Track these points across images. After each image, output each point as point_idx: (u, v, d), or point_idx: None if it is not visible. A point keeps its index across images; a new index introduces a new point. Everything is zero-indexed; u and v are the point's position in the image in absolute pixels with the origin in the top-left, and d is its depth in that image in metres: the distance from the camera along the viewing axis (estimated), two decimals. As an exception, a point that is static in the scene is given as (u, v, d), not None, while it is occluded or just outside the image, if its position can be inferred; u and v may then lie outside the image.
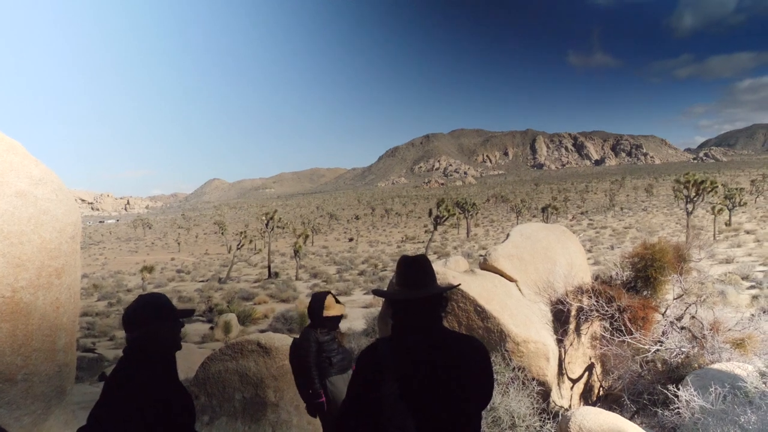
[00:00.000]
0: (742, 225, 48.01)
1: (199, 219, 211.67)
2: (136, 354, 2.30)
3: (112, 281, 44.74)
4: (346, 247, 75.82)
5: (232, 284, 38.69)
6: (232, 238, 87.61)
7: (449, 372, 2.05)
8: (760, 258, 26.19)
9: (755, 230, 42.24)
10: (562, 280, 7.08)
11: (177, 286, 39.92)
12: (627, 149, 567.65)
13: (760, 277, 20.28)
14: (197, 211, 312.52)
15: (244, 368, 5.01)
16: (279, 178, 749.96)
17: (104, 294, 35.60)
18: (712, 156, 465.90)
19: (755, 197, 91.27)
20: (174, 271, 54.29)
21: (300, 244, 44.61)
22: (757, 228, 44.13)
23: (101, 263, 71.42)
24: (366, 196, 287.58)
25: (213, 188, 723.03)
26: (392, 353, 2.09)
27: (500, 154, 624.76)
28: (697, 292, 7.34)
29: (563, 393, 6.69)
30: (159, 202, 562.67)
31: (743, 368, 5.18)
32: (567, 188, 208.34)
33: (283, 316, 21.57)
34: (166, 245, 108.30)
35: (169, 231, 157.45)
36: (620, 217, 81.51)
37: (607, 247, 41.30)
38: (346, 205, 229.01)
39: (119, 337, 20.79)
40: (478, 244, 56.94)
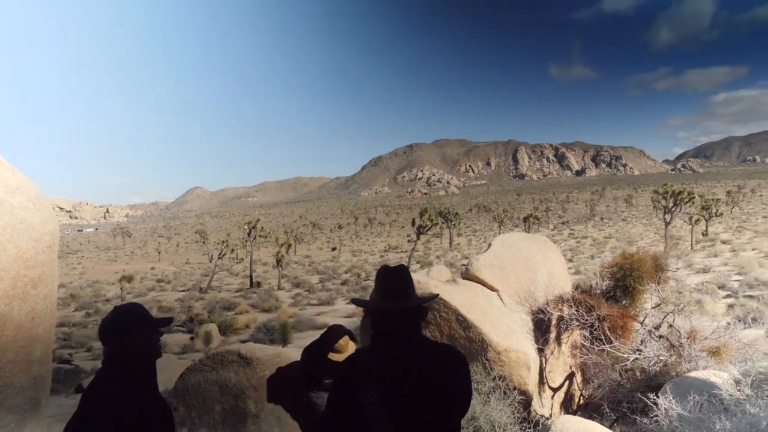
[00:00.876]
0: (719, 235, 48.87)
1: (181, 228, 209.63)
2: (114, 365, 2.26)
3: (90, 291, 44.09)
4: (329, 256, 75.62)
5: (213, 294, 38.37)
6: (213, 247, 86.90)
7: (429, 381, 2.06)
8: (735, 267, 26.65)
9: (731, 240, 43.01)
10: (543, 290, 7.14)
11: (157, 296, 39.46)
12: (607, 160, 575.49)
13: (736, 287, 20.63)
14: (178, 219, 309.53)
15: (224, 379, 4.96)
16: (262, 187, 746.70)
17: (82, 304, 35.04)
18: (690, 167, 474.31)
19: (731, 208, 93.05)
20: (154, 280, 53.69)
21: (282, 253, 44.40)
22: (733, 238, 44.94)
23: (79, 273, 70.38)
24: (349, 206, 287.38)
25: (195, 197, 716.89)
26: (372, 363, 2.10)
27: (483, 164, 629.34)
28: (674, 301, 7.45)
29: (544, 402, 6.73)
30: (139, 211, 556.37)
31: (719, 376, 5.27)
32: (548, 198, 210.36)
33: (265, 326, 21.43)
34: (147, 254, 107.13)
35: (150, 240, 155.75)
36: (600, 227, 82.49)
37: (587, 256, 41.76)
38: (329, 215, 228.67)
39: (97, 348, 20.47)
40: (461, 254, 57.18)
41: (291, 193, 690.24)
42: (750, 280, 21.35)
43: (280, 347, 12.30)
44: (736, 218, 71.11)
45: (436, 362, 2.12)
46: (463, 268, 7.42)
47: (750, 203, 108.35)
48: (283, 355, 5.24)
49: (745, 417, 3.67)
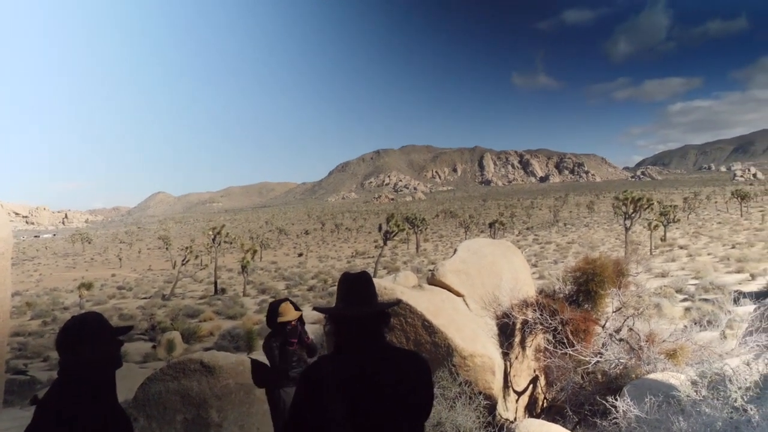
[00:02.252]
0: (676, 240, 50.31)
1: (143, 234, 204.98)
2: (71, 376, 2.19)
3: (47, 299, 42.73)
4: (295, 262, 75.06)
5: (176, 301, 37.66)
6: (177, 253, 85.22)
7: (392, 388, 2.06)
8: (692, 272, 27.48)
9: (688, 245, 44.34)
10: (508, 294, 7.24)
11: (118, 304, 38.50)
12: (570, 167, 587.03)
13: (692, 290, 21.26)
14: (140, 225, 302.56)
15: (186, 388, 4.86)
16: (227, 192, 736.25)
17: (38, 312, 33.90)
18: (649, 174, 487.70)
19: (687, 214, 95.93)
20: (115, 287, 52.38)
21: (248, 259, 43.86)
22: (690, 243, 46.35)
23: (35, 280, 68.19)
24: (316, 211, 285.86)
25: (157, 202, 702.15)
26: (334, 370, 2.08)
27: (449, 170, 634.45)
28: (634, 305, 7.64)
29: (509, 405, 6.80)
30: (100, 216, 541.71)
31: (677, 377, 5.41)
32: (513, 204, 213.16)
33: (230, 334, 21.11)
34: (107, 261, 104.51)
35: (111, 246, 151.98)
36: (564, 232, 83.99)
37: (551, 261, 42.46)
38: (295, 220, 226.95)
39: (54, 358, 19.83)
40: (428, 259, 57.44)
41: (257, 199, 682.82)
42: (705, 284, 22.02)
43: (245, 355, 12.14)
44: (692, 224, 73.36)
45: (399, 369, 2.12)
46: (430, 274, 7.47)
47: (705, 210, 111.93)
48: (247, 362, 5.19)
49: (701, 417, 3.79)
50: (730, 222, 68.56)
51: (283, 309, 4.99)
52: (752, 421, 3.52)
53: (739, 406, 3.80)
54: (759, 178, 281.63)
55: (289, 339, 4.95)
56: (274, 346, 4.93)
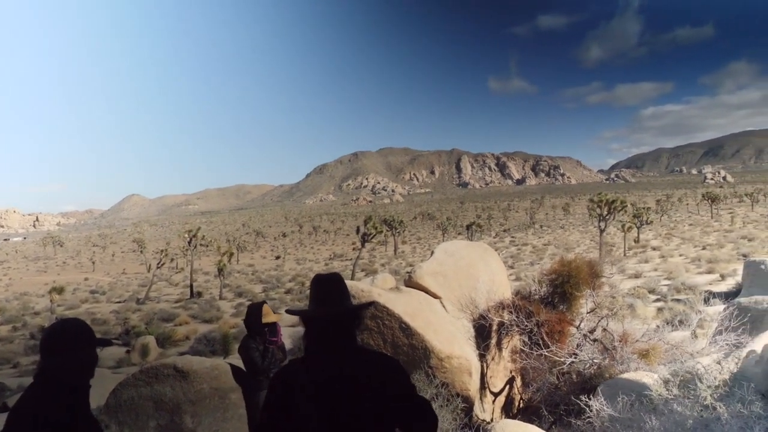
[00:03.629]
0: (649, 242, 51.18)
1: (117, 237, 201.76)
2: (45, 382, 2.16)
3: (16, 304, 41.77)
4: (272, 265, 74.58)
5: (151, 305, 37.08)
6: (152, 256, 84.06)
7: (363, 391, 2.05)
8: (664, 273, 27.96)
9: (660, 247, 45.14)
10: (484, 296, 7.29)
11: (91, 308, 37.78)
12: (546, 170, 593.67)
13: (665, 291, 21.64)
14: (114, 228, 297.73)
15: (159, 394, 4.78)
16: (203, 195, 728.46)
17: (8, 318, 33.05)
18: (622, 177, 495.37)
19: (660, 216, 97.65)
20: (87, 292, 51.38)
21: (224, 262, 43.43)
22: (662, 245, 47.18)
23: (5, 284, 66.64)
24: (294, 213, 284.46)
25: (132, 204, 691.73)
26: (306, 373, 2.07)
27: (427, 172, 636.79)
28: (608, 306, 7.76)
29: (485, 407, 6.84)
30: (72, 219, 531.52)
31: (649, 377, 5.50)
32: (490, 206, 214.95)
33: (206, 338, 20.84)
34: (80, 265, 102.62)
35: (83, 249, 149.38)
36: (540, 234, 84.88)
37: (527, 263, 42.86)
38: (273, 222, 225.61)
39: (24, 364, 19.39)
40: (405, 261, 57.56)
41: (234, 201, 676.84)
42: (677, 284, 22.43)
43: (221, 359, 11.99)
44: (665, 226, 74.70)
45: (371, 369, 2.10)
46: (407, 276, 7.48)
47: (677, 212, 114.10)
48: (222, 367, 5.13)
49: (672, 416, 3.86)
50: (701, 224, 70.02)
51: (265, 310, 5.11)
52: (721, 419, 3.60)
53: (709, 404, 3.88)
54: (728, 180, 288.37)
55: (271, 339, 5.03)
56: (253, 346, 4.95)
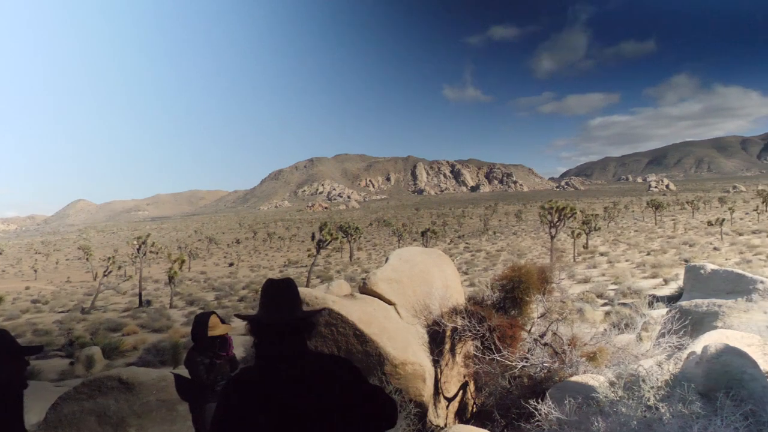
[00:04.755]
0: (597, 248, 52.77)
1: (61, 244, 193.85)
2: None
3: (-50, 315, 39.54)
4: (225, 272, 73.23)
5: (97, 314, 35.75)
6: (98, 264, 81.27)
7: (317, 397, 2.02)
8: (611, 278, 28.88)
9: (608, 252, 46.63)
10: (438, 302, 7.35)
11: (32, 318, 36.10)
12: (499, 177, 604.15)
13: (612, 295, 22.36)
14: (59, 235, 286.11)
15: (102, 407, 4.58)
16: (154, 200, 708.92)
17: (-60, 330, 31.24)
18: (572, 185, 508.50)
19: (608, 222, 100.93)
20: (29, 301, 49.10)
21: (175, 269, 42.32)
22: (609, 250, 48.74)
23: (-62, 294, 62.93)
24: (248, 220, 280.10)
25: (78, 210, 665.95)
26: (259, 382, 2.03)
27: (383, 179, 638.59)
28: (558, 311, 7.94)
29: (439, 412, 6.89)
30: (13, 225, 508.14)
31: (596, 379, 5.66)
32: (445, 213, 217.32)
33: (155, 347, 20.21)
34: (21, 273, 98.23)
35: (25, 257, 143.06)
36: (493, 240, 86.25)
37: (481, 269, 43.45)
38: (226, 229, 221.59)
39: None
40: (361, 268, 57.51)
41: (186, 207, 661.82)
42: (624, 288, 23.22)
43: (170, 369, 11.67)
44: (612, 232, 77.15)
45: (324, 374, 2.08)
46: (362, 283, 7.47)
47: (624, 218, 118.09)
48: (170, 377, 4.96)
49: (617, 417, 3.98)
50: (645, 230, 72.71)
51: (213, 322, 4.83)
52: (663, 419, 3.73)
53: (652, 405, 4.02)
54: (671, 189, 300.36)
55: (219, 353, 4.82)
56: (199, 360, 4.73)
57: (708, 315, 9.82)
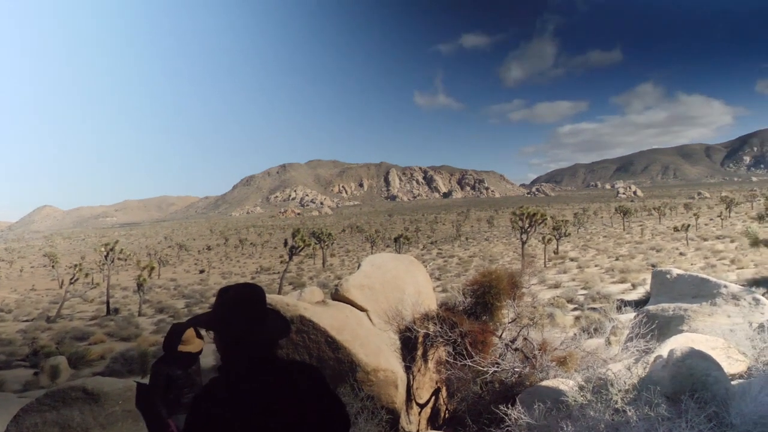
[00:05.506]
0: (568, 253, 53.60)
1: (26, 251, 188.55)
2: None
3: None
4: (196, 279, 72.22)
5: (63, 323, 34.85)
6: (65, 271, 79.28)
7: (286, 405, 1.98)
8: (581, 283, 29.36)
9: (578, 258, 47.38)
10: (411, 308, 7.36)
11: (-6, 328, 35.01)
12: (471, 183, 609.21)
13: (582, 300, 22.71)
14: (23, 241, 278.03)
15: (66, 419, 4.44)
16: (123, 206, 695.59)
17: None
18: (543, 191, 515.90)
19: (577, 228, 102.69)
20: (-9, 310, 47.64)
21: (144, 276, 41.54)
22: (579, 256, 49.53)
23: None
24: (219, 226, 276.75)
25: (43, 216, 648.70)
26: (229, 391, 1.99)
27: (356, 185, 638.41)
28: (529, 316, 8.02)
29: (411, 418, 6.88)
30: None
31: (566, 383, 5.72)
32: (418, 219, 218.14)
33: (123, 357, 19.79)
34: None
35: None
36: (466, 246, 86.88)
37: (454, 275, 43.71)
38: (197, 235, 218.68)
39: None
40: (334, 274, 57.33)
41: (156, 213, 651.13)
42: (593, 293, 23.61)
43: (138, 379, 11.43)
44: (581, 238, 78.48)
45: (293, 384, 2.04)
46: (334, 289, 7.44)
47: (593, 224, 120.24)
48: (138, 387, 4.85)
49: (586, 421, 4.03)
50: (614, 236, 74.15)
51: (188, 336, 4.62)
52: (630, 422, 3.79)
53: (619, 408, 4.08)
54: (638, 195, 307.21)
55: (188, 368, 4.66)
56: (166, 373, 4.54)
57: (674, 319, 10.02)
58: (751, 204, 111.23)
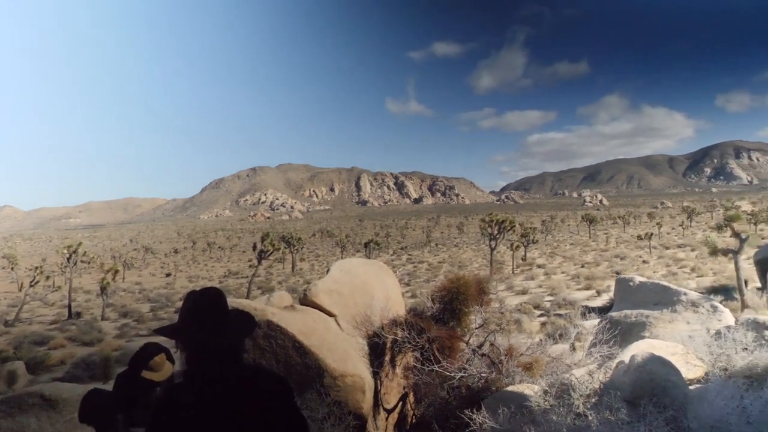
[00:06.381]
0: (535, 260, 54.33)
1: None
2: None
3: None
4: (162, 282, 70.89)
5: (22, 327, 33.78)
6: (24, 274, 76.82)
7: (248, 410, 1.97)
8: (548, 289, 29.80)
9: (545, 264, 48.09)
10: (379, 314, 7.38)
11: (-52, 332, 33.75)
12: (442, 189, 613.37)
13: (548, 306, 23.06)
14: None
15: (22, 426, 4.31)
16: (86, 207, 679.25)
17: None
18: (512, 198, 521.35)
19: (545, 236, 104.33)
20: (-56, 313, 45.92)
21: (108, 280, 40.58)
22: (546, 263, 50.30)
23: None
24: (187, 229, 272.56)
25: (3, 217, 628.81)
26: (190, 398, 1.97)
27: (327, 189, 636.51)
28: (496, 321, 8.12)
29: (378, 424, 6.88)
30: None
31: (531, 388, 5.82)
32: (389, 224, 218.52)
33: (84, 362, 19.26)
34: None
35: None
36: (435, 252, 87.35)
37: (423, 280, 43.85)
38: (164, 238, 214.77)
39: None
40: (303, 279, 56.93)
41: (121, 215, 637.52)
42: (559, 300, 24.01)
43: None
44: (549, 245, 79.70)
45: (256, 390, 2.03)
46: (302, 294, 7.41)
47: (560, 232, 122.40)
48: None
49: (548, 425, 4.10)
50: (580, 243, 75.49)
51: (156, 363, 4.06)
52: (591, 426, 3.87)
53: (581, 413, 4.17)
54: (604, 204, 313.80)
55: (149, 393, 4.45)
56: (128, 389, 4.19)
57: (636, 325, 10.27)
58: (711, 214, 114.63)
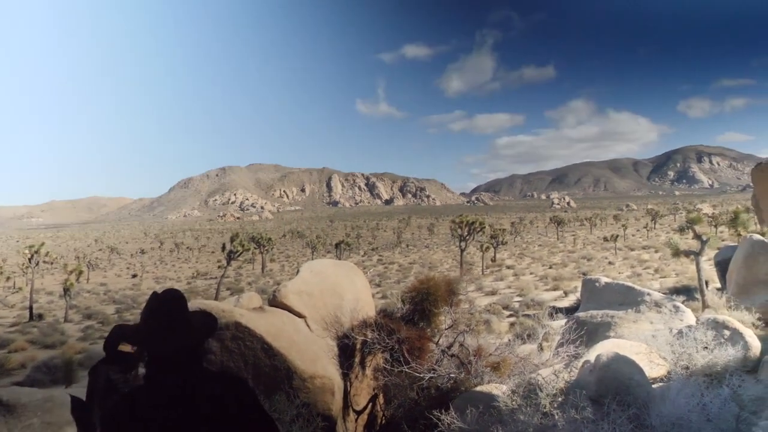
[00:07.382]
0: (504, 261, 54.97)
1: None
2: None
3: None
4: (128, 284, 69.35)
5: (-21, 330, 32.71)
6: (-18, 275, 74.36)
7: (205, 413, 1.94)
8: (517, 290, 30.17)
9: (514, 265, 48.69)
10: (349, 315, 7.36)
11: None
12: (413, 191, 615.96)
13: (517, 307, 23.33)
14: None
15: (-23, 432, 4.18)
16: (49, 207, 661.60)
17: None
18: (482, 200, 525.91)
19: (514, 237, 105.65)
20: None
21: (71, 281, 39.55)
22: (515, 264, 50.94)
23: None
24: (154, 229, 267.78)
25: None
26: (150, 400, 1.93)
27: (297, 190, 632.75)
28: (466, 322, 8.18)
29: (348, 425, 6.87)
30: None
31: (499, 388, 5.88)
32: (360, 225, 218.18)
33: (46, 365, 18.72)
34: None
35: None
36: (406, 253, 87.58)
37: (394, 281, 43.93)
38: (130, 238, 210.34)
39: None
40: (273, 280, 56.43)
41: (86, 215, 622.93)
42: (528, 300, 24.32)
43: (61, 388, 10.90)
44: (518, 246, 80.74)
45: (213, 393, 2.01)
46: (272, 296, 7.35)
47: (529, 233, 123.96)
48: (59, 398, 4.60)
49: (515, 424, 4.16)
50: (548, 244, 76.74)
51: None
52: (558, 425, 3.93)
53: (548, 412, 4.23)
54: (572, 206, 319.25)
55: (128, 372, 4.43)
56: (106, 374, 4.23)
57: (602, 325, 10.47)
58: (674, 216, 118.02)
